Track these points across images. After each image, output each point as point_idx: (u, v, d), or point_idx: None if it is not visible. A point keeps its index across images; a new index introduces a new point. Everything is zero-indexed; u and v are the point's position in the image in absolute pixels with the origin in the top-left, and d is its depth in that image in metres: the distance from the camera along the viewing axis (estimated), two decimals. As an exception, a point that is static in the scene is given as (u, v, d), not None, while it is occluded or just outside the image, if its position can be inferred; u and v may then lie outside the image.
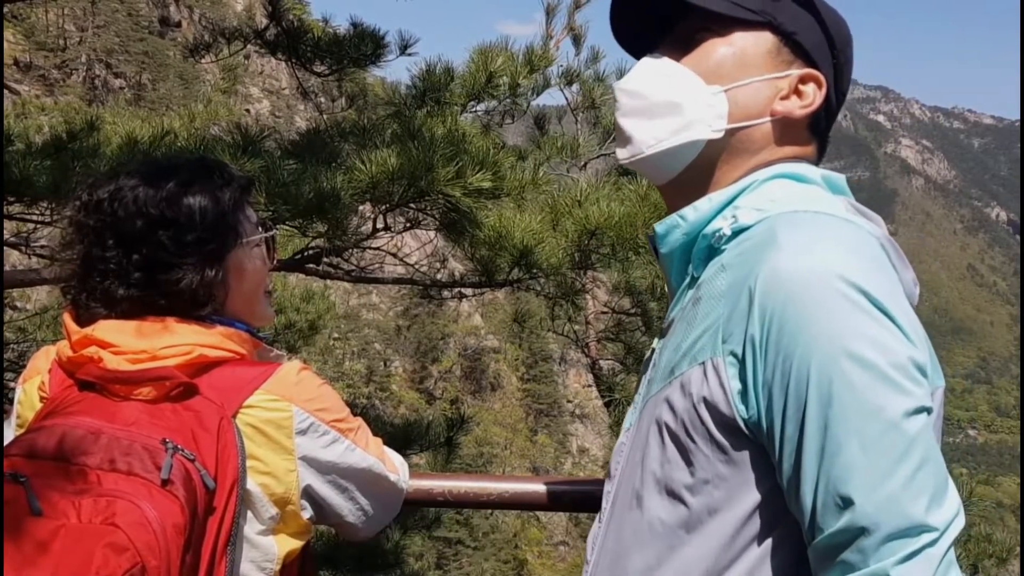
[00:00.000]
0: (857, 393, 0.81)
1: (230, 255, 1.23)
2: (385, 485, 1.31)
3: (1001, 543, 4.71)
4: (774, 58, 1.03)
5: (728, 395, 0.88)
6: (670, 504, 0.93)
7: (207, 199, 1.20)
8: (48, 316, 6.67)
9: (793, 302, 0.84)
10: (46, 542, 0.92)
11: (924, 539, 0.79)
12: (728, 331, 0.89)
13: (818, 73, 1.04)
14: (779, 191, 0.99)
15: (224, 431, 1.09)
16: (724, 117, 1.02)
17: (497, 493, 1.74)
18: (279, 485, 1.15)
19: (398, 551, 5.48)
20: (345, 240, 3.34)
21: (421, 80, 3.87)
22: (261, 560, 1.16)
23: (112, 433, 1.04)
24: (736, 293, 0.90)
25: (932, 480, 0.81)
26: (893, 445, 0.80)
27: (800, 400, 0.83)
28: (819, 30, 1.05)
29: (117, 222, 1.17)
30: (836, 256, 0.86)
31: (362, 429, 1.28)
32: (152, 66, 44.00)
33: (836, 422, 0.81)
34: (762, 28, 1.04)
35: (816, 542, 0.83)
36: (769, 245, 0.89)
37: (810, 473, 0.82)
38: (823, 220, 0.92)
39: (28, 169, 3.22)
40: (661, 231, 1.04)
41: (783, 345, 0.84)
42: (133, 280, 1.16)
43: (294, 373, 1.19)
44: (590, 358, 8.76)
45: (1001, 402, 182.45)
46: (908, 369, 0.82)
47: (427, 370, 49.95)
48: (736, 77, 1.02)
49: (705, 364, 0.91)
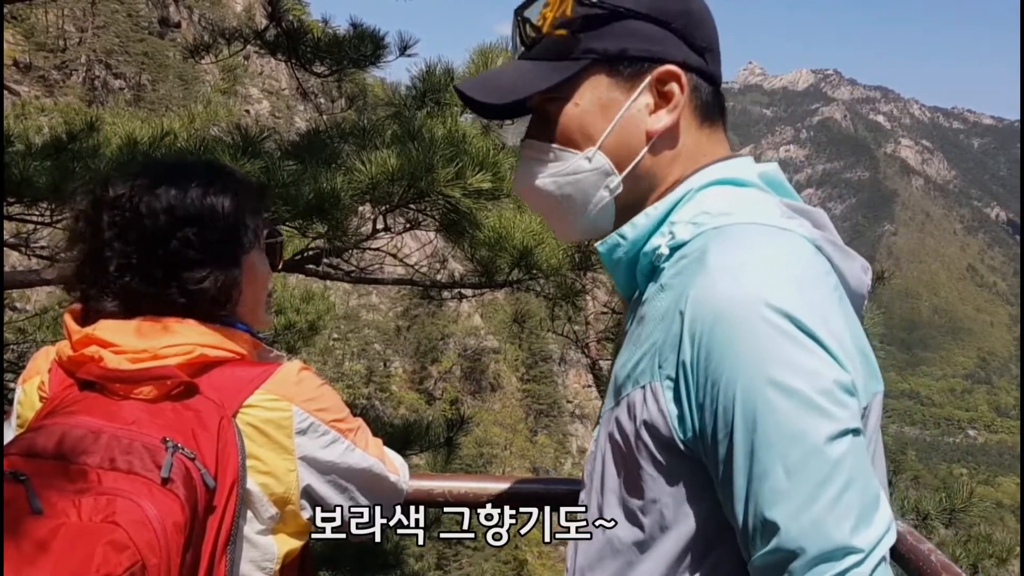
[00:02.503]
0: (780, 419, 0.82)
1: (246, 257, 1.24)
2: (385, 486, 1.31)
3: (1001, 543, 4.72)
4: (620, 84, 0.98)
5: (667, 418, 0.89)
6: (627, 524, 0.95)
7: (229, 200, 1.21)
8: (48, 317, 6.68)
9: (719, 328, 0.85)
10: (46, 541, 0.92)
11: (849, 560, 0.80)
12: (664, 355, 0.90)
13: (670, 67, 0.97)
14: (714, 201, 0.97)
15: (224, 430, 1.09)
16: (612, 171, 0.99)
17: (497, 493, 1.74)
18: (279, 485, 1.15)
19: (398, 551, 5.48)
20: (345, 241, 3.35)
21: (421, 81, 3.86)
22: (261, 560, 1.16)
23: (112, 432, 1.04)
24: (670, 317, 0.90)
25: (858, 501, 0.82)
26: (817, 470, 0.81)
27: (728, 425, 0.84)
28: (641, 21, 0.97)
29: (140, 218, 1.17)
30: (762, 279, 0.86)
31: (362, 429, 1.28)
32: (152, 67, 44.01)
33: (761, 448, 0.83)
34: (591, 67, 0.98)
35: (752, 561, 0.86)
36: (699, 267, 0.89)
37: (740, 496, 0.84)
38: (754, 234, 0.91)
39: (28, 170, 3.22)
40: (603, 251, 1.02)
41: (711, 371, 0.85)
42: (155, 277, 1.16)
43: (294, 373, 1.19)
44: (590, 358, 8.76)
45: (1001, 402, 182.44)
46: (833, 393, 0.83)
47: (427, 371, 49.96)
48: (601, 126, 0.98)
49: (646, 388, 0.92)
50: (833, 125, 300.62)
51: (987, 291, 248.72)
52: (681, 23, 0.98)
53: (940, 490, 5.17)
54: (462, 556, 36.04)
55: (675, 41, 0.98)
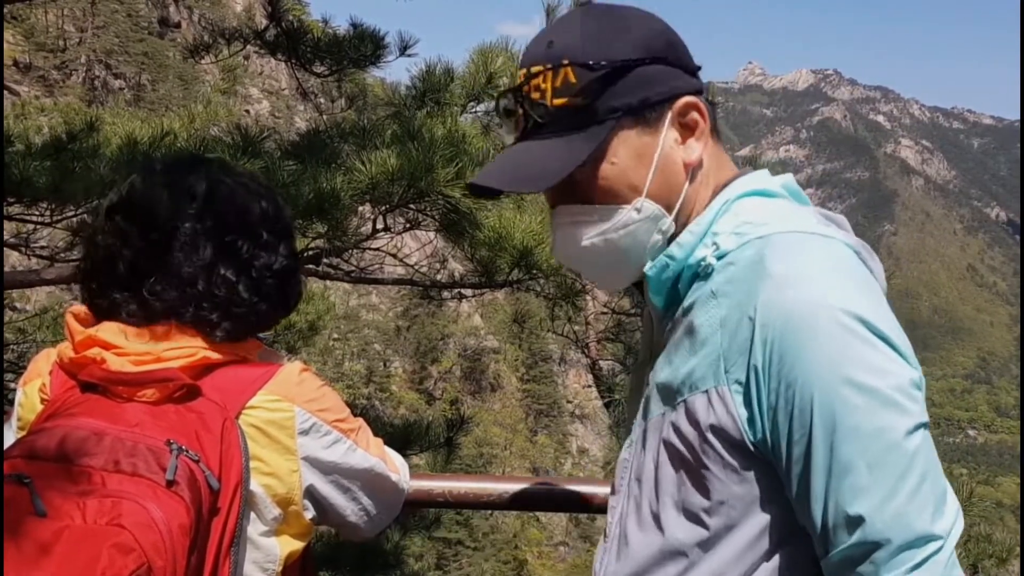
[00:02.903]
0: (859, 417, 0.86)
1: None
2: (387, 485, 1.31)
3: (1001, 543, 4.71)
4: (646, 130, 1.00)
5: (737, 421, 0.92)
6: (690, 525, 0.97)
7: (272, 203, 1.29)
8: (47, 317, 6.68)
9: (791, 332, 0.88)
10: (50, 543, 0.92)
11: (931, 548, 0.85)
12: (731, 360, 0.93)
13: (686, 99, 1.01)
14: (752, 211, 1.00)
15: (228, 432, 1.09)
16: (663, 214, 1.01)
17: (497, 494, 1.74)
18: (282, 485, 1.15)
19: (398, 552, 5.48)
20: (345, 241, 3.35)
21: (421, 81, 3.86)
22: (264, 561, 1.16)
23: (116, 434, 1.03)
24: (735, 323, 0.93)
25: (933, 492, 0.87)
26: (896, 463, 0.86)
27: (805, 425, 0.88)
28: (646, 66, 0.99)
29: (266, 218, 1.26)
30: (829, 284, 0.90)
31: (363, 430, 1.28)
32: (152, 67, 43.99)
33: (841, 445, 0.86)
34: (618, 123, 0.99)
35: (830, 556, 0.89)
36: (762, 275, 0.92)
37: (819, 493, 0.88)
38: (805, 242, 0.94)
39: (28, 170, 3.23)
40: (652, 274, 1.03)
41: (784, 374, 0.89)
42: (265, 288, 1.20)
43: (296, 374, 1.19)
44: (590, 358, 8.77)
45: (1001, 402, 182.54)
46: (906, 390, 0.87)
47: (427, 371, 49.94)
48: (643, 174, 1.00)
49: (709, 392, 0.94)
50: (833, 125, 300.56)
51: (987, 291, 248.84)
52: (672, 54, 1.01)
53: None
54: (462, 556, 36.06)
55: (676, 73, 1.01)
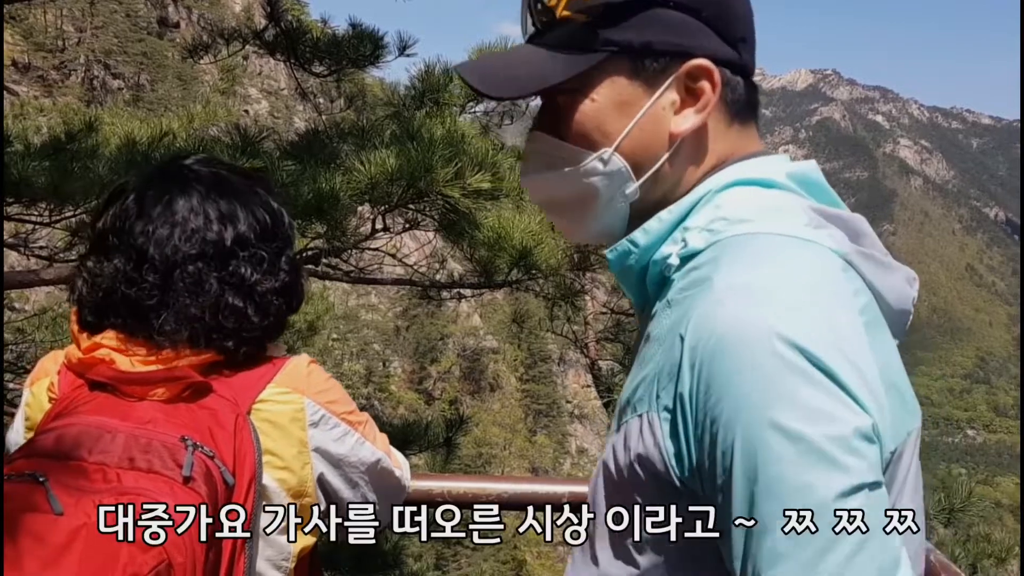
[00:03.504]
0: (783, 469, 0.70)
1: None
2: (392, 480, 1.32)
3: (1000, 543, 4.73)
4: (642, 80, 0.87)
5: (664, 455, 0.79)
6: (618, 563, 0.85)
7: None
8: (47, 317, 6.66)
9: (721, 358, 0.74)
10: (69, 542, 0.91)
11: None
12: (662, 384, 0.80)
13: (700, 62, 0.86)
14: (733, 204, 0.86)
15: (240, 428, 1.10)
16: (629, 177, 0.89)
17: (496, 493, 1.74)
18: (294, 478, 1.16)
19: (397, 552, 5.48)
20: (344, 241, 3.35)
21: (420, 81, 3.87)
22: (277, 558, 1.16)
23: (129, 431, 1.03)
24: (671, 340, 0.80)
25: (871, 565, 0.70)
26: (822, 531, 0.69)
27: (726, 472, 0.73)
28: (669, 10, 0.86)
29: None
30: (773, 303, 0.75)
31: (369, 423, 1.30)
32: (151, 67, 43.95)
33: (761, 501, 0.71)
34: (611, 60, 0.87)
35: None
36: (705, 285, 0.79)
37: (739, 550, 0.74)
38: (772, 247, 0.80)
39: (27, 170, 3.23)
40: (613, 258, 0.92)
41: (710, 407, 0.74)
42: (273, 308, 1.19)
43: (304, 366, 1.21)
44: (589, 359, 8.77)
45: (1000, 402, 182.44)
46: (847, 440, 0.71)
47: (426, 371, 49.91)
48: (619, 125, 0.87)
49: (643, 417, 0.82)
50: (832, 125, 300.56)
51: (986, 291, 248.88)
52: (713, 11, 0.87)
53: (939, 490, 5.18)
54: (461, 556, 36.01)
55: (706, 31, 0.87)
